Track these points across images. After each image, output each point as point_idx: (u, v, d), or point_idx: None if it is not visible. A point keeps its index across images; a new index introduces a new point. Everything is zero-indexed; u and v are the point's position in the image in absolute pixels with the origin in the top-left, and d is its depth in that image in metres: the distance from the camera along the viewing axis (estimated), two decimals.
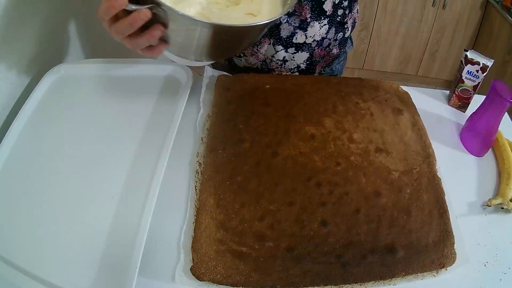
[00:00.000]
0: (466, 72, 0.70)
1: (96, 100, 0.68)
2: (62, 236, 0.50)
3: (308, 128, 0.64)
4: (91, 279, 0.46)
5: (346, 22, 0.78)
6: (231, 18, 0.54)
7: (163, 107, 0.66)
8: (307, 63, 0.80)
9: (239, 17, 0.55)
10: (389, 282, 0.49)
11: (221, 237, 0.51)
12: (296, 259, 0.49)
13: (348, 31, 0.81)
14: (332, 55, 0.84)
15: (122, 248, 0.49)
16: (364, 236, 0.52)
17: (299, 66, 0.80)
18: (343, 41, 0.83)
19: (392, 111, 0.68)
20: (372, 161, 0.60)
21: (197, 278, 0.47)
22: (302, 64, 0.80)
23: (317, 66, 0.83)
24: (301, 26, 0.74)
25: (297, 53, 0.78)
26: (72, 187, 0.55)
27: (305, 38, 0.75)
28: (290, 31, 0.74)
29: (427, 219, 0.54)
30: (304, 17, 0.72)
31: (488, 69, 0.68)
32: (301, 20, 0.73)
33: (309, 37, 0.76)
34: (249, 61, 0.82)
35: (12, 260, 0.47)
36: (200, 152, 0.61)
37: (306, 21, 0.73)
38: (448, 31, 2.01)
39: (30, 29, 0.71)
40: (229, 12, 0.55)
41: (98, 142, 0.61)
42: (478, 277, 0.51)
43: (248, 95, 0.69)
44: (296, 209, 0.54)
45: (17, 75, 0.67)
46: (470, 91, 0.72)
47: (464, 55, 0.70)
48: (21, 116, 0.63)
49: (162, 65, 0.74)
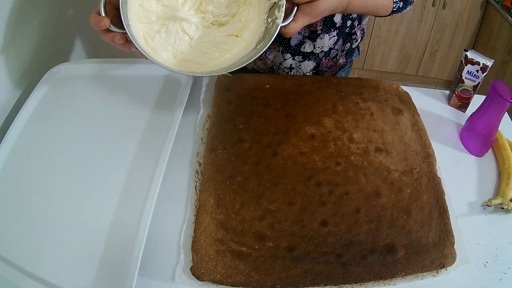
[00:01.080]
0: (466, 72, 0.70)
1: (96, 100, 0.68)
2: (62, 236, 0.50)
3: (308, 128, 0.64)
4: (91, 279, 0.46)
5: (355, 33, 0.79)
6: (211, 39, 0.56)
7: (163, 107, 0.66)
8: (313, 72, 0.81)
9: (219, 38, 0.56)
10: (389, 282, 0.49)
11: (221, 237, 0.51)
12: (296, 259, 0.49)
13: (356, 42, 0.82)
14: (338, 65, 0.85)
15: (122, 248, 0.49)
16: (364, 236, 0.52)
17: (305, 74, 0.81)
18: (350, 51, 0.84)
19: (392, 111, 0.68)
20: (372, 161, 0.60)
21: (197, 278, 0.47)
22: (308, 73, 0.81)
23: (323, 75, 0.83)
24: (310, 36, 0.75)
25: (303, 61, 0.79)
26: (72, 187, 0.55)
27: (313, 48, 0.77)
28: (299, 39, 0.75)
29: (427, 219, 0.54)
30: (315, 29, 0.73)
31: (488, 69, 0.68)
32: (311, 31, 0.74)
33: (317, 48, 0.77)
34: (257, 64, 0.82)
35: (12, 260, 0.47)
36: (200, 152, 0.61)
37: (316, 32, 0.74)
38: (448, 31, 2.01)
39: (30, 29, 0.71)
40: (211, 32, 0.56)
41: (98, 142, 0.61)
42: (478, 277, 0.50)
43: (248, 95, 0.69)
44: (296, 209, 0.54)
45: (17, 75, 0.68)
46: (470, 91, 0.72)
47: (464, 55, 0.70)
48: (21, 116, 0.63)
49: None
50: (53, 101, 0.67)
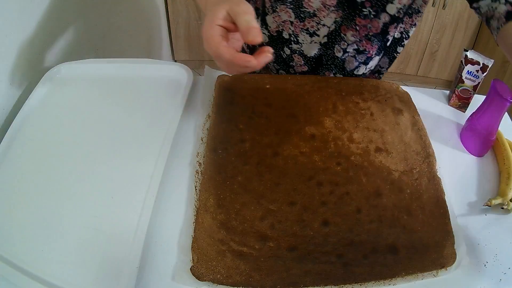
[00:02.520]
0: (466, 72, 0.70)
1: (96, 100, 0.68)
2: (62, 236, 0.50)
3: (309, 128, 0.64)
4: (91, 279, 0.46)
5: (399, 52, 0.81)
6: None
7: (163, 107, 0.66)
8: None
9: None
10: (389, 282, 0.49)
11: (221, 237, 0.51)
12: (297, 259, 0.49)
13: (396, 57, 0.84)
14: (374, 77, 0.88)
15: (122, 248, 0.49)
16: (365, 236, 0.52)
17: None
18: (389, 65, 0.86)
19: (392, 111, 0.68)
20: (372, 161, 0.60)
21: (197, 278, 0.47)
22: None
23: None
24: (365, 62, 0.78)
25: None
26: (72, 187, 0.55)
27: (365, 69, 0.80)
28: (355, 65, 0.78)
29: (427, 219, 0.54)
30: (371, 55, 0.76)
31: (488, 69, 0.68)
32: (367, 57, 0.77)
33: (367, 69, 0.81)
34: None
35: (12, 260, 0.47)
36: (200, 152, 0.61)
37: (371, 57, 0.77)
38: (448, 31, 2.01)
39: (30, 29, 0.71)
40: None
41: (98, 142, 0.61)
42: (478, 277, 0.50)
43: (249, 95, 0.69)
44: (296, 209, 0.54)
45: (17, 75, 0.67)
46: (470, 91, 0.72)
47: (464, 55, 0.70)
48: (21, 116, 0.63)
49: (162, 65, 0.74)
50: (53, 101, 0.67)
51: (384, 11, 0.67)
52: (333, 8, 0.67)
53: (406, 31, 0.76)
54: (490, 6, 0.62)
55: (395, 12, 0.67)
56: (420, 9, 0.72)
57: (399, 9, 0.67)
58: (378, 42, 0.74)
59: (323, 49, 0.75)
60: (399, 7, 0.67)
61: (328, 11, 0.68)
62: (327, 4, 0.67)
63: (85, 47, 0.94)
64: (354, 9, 0.67)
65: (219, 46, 0.44)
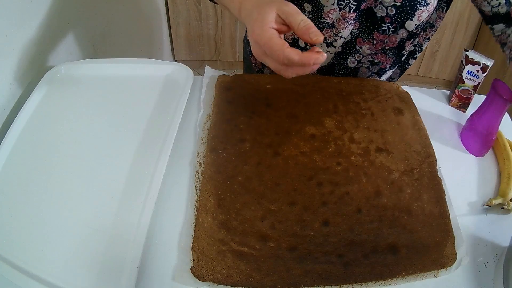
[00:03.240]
0: (467, 72, 0.70)
1: (96, 100, 0.68)
2: (62, 236, 0.50)
3: (309, 128, 0.64)
4: (91, 279, 0.46)
5: (411, 64, 0.82)
6: None
7: (163, 107, 0.66)
8: None
9: None
10: (390, 282, 0.49)
11: (222, 237, 0.51)
12: (297, 259, 0.49)
13: (407, 68, 0.84)
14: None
15: (122, 248, 0.49)
16: (366, 235, 0.52)
17: None
18: (399, 75, 0.87)
19: (393, 111, 0.68)
20: (372, 161, 0.60)
21: (198, 278, 0.47)
22: None
23: None
24: (378, 72, 0.78)
25: None
26: (72, 187, 0.55)
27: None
28: (367, 75, 0.79)
29: (427, 219, 0.54)
30: (384, 67, 0.76)
31: (489, 69, 0.68)
32: (380, 68, 0.77)
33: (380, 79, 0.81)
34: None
35: (12, 260, 0.47)
36: (201, 152, 0.61)
37: (385, 69, 0.77)
38: (448, 31, 2.01)
39: (30, 29, 0.71)
40: None
41: (98, 142, 0.61)
42: (478, 277, 0.50)
43: (249, 95, 0.69)
44: (297, 209, 0.54)
45: (17, 75, 0.67)
46: (470, 91, 0.72)
47: (465, 55, 0.70)
48: (21, 116, 0.63)
49: (162, 65, 0.74)
50: (53, 101, 0.67)
51: (403, 27, 0.66)
52: (352, 21, 0.66)
53: (420, 44, 0.76)
54: (503, 32, 0.62)
55: (413, 29, 0.67)
56: (434, 23, 0.71)
57: (417, 26, 0.67)
58: (393, 56, 0.74)
59: (337, 59, 0.75)
60: (418, 24, 0.66)
61: (347, 24, 0.67)
62: (346, 17, 0.65)
63: (85, 47, 0.94)
64: (373, 24, 0.67)
65: (285, 48, 0.41)
